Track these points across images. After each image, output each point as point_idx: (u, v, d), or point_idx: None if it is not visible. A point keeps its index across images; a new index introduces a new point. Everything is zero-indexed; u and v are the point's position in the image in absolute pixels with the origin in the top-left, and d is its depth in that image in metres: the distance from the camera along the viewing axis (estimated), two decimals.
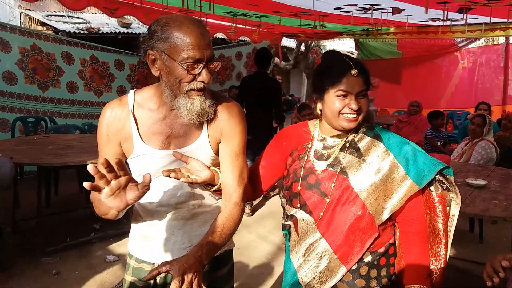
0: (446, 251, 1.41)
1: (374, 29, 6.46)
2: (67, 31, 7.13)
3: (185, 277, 1.11)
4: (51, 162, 3.37)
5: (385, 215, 1.34)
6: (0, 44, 5.15)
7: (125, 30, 7.86)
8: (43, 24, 7.52)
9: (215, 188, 1.38)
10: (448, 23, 5.33)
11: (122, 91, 6.59)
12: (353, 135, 1.43)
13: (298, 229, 1.43)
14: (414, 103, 5.74)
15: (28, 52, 5.43)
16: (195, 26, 1.17)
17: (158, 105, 1.28)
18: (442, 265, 1.41)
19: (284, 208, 1.52)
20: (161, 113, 1.28)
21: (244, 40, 7.13)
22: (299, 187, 1.42)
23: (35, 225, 3.82)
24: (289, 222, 1.47)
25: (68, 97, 5.97)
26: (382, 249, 1.39)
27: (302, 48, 9.25)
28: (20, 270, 3.18)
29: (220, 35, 6.62)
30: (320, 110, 1.44)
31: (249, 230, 4.14)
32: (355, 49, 8.81)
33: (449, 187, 1.40)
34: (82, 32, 7.26)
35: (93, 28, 7.45)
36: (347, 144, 1.42)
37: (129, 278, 1.46)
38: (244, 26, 5.93)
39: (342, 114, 1.36)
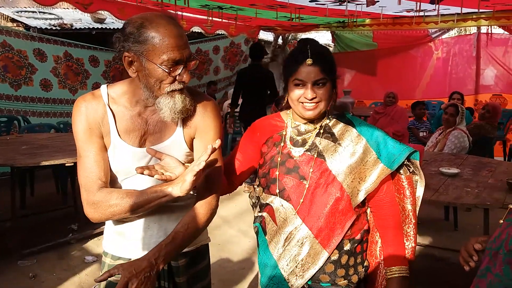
0: (416, 230, 1.47)
1: (349, 21, 6.51)
2: (38, 27, 6.93)
3: (130, 284, 1.11)
4: (25, 163, 3.29)
5: (361, 197, 1.38)
6: None
7: (99, 26, 7.69)
8: (13, 20, 7.29)
9: None
10: (422, 14, 5.42)
11: (97, 88, 6.47)
12: (326, 120, 1.47)
13: (276, 218, 1.44)
14: (390, 94, 5.82)
15: None
16: (173, 26, 1.17)
17: (132, 102, 1.28)
18: (413, 244, 1.47)
19: (257, 198, 1.53)
20: (135, 110, 1.28)
21: (221, 34, 7.09)
22: (277, 172, 1.44)
23: (10, 227, 3.74)
24: (264, 214, 1.48)
25: (42, 95, 5.83)
26: (358, 236, 1.43)
27: (280, 41, 9.25)
28: None
29: (196, 28, 6.56)
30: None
31: (229, 225, 4.14)
32: (332, 42, 8.87)
33: (415, 171, 1.48)
34: (54, 28, 7.07)
35: (66, 24, 7.26)
36: (321, 130, 1.45)
37: None
38: (220, 20, 5.88)
39: (300, 102, 1.39)
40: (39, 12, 7.53)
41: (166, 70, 1.17)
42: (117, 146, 1.28)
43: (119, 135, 1.27)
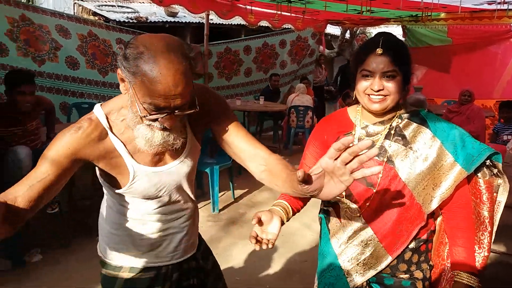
0: (491, 239, 1.37)
1: (423, 15, 6.22)
2: (117, 20, 7.38)
3: None
4: None
5: (434, 204, 1.31)
6: (61, 31, 5.37)
7: (172, 19, 8.02)
8: (94, 14, 7.82)
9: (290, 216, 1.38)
10: (505, 6, 5.05)
11: None
12: (397, 121, 1.36)
13: (341, 216, 1.42)
14: (466, 93, 5.51)
15: (86, 38, 5.65)
16: (170, 72, 0.97)
17: (135, 122, 1.13)
18: (486, 253, 1.37)
19: None
20: None
21: (288, 28, 7.09)
22: None
23: (89, 205, 4.03)
24: (329, 208, 1.46)
25: None
26: (424, 236, 1.38)
27: (347, 35, 9.09)
28: (80, 246, 3.40)
29: (263, 23, 6.62)
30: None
31: (293, 218, 4.15)
32: (403, 36, 8.54)
33: (498, 174, 1.36)
34: (131, 21, 7.48)
35: (142, 17, 7.66)
36: (392, 131, 1.36)
37: None
38: (288, 14, 5.89)
39: (367, 94, 1.31)
40: (118, 6, 7.99)
41: (144, 112, 1.04)
42: (138, 171, 1.19)
43: (134, 159, 1.18)
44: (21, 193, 1.02)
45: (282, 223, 1.29)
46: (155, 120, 1.06)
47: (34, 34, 5.07)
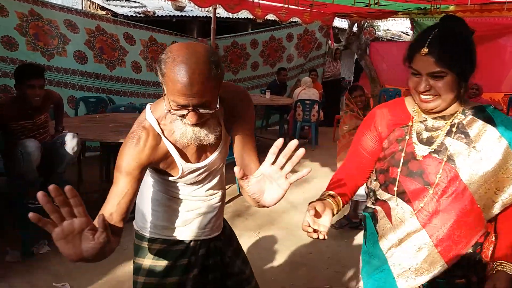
0: None
1: (432, 7, 6.16)
2: (124, 14, 7.41)
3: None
4: (114, 139, 3.57)
5: (496, 210, 1.24)
6: (69, 26, 5.42)
7: (179, 13, 8.04)
8: (102, 8, 7.86)
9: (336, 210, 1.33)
10: None
11: None
12: (460, 116, 1.27)
13: (392, 217, 1.33)
14: (474, 86, 5.47)
15: (94, 33, 5.69)
16: (187, 71, 1.10)
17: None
18: None
19: (372, 191, 1.43)
20: None
21: (295, 21, 7.07)
22: (399, 170, 1.30)
23: (97, 198, 4.10)
24: (378, 207, 1.38)
25: (133, 77, 6.19)
26: (482, 239, 1.30)
27: (355, 28, 9.02)
28: None
29: (271, 16, 6.60)
30: None
31: (297, 210, 4.20)
32: (411, 29, 8.46)
33: None
34: (138, 15, 7.51)
35: (149, 12, 7.68)
36: (454, 128, 1.26)
37: (149, 262, 1.51)
38: (296, 7, 5.86)
39: (417, 92, 1.25)
40: (126, 0, 8.03)
41: (168, 107, 1.19)
42: (186, 169, 1.36)
43: (183, 159, 1.34)
44: (114, 210, 1.19)
45: (332, 215, 1.27)
46: (183, 116, 1.19)
47: (43, 28, 5.13)
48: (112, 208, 1.19)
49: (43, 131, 3.41)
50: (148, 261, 1.50)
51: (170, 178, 1.41)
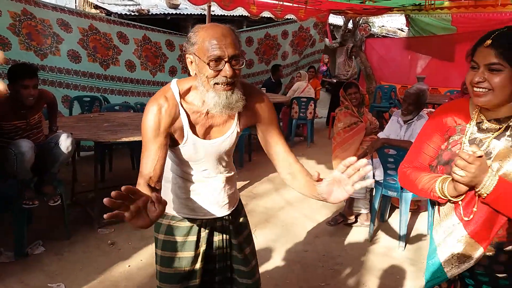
0: None
1: (427, 3, 6.17)
2: (119, 13, 7.38)
3: None
4: (108, 138, 3.55)
5: None
6: (62, 25, 5.39)
7: (174, 11, 8.00)
8: (96, 7, 7.82)
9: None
10: None
11: (173, 72, 6.77)
12: None
13: (440, 210, 1.41)
14: None
15: (87, 32, 5.67)
16: (218, 28, 1.35)
17: (200, 100, 1.45)
18: None
19: None
20: (204, 108, 1.45)
21: (290, 19, 7.06)
22: (443, 170, 1.36)
23: (92, 198, 4.08)
24: (436, 201, 1.44)
25: (127, 76, 6.18)
26: None
27: (350, 25, 9.02)
28: (82, 238, 3.45)
29: (266, 13, 6.59)
30: None
31: (293, 208, 4.19)
32: (406, 25, 8.48)
33: None
34: (132, 14, 7.48)
35: (143, 10, 7.65)
36: (508, 132, 1.27)
37: (164, 237, 1.67)
38: (291, 4, 5.86)
39: (472, 86, 1.27)
40: None
41: (208, 64, 1.33)
42: (189, 139, 1.48)
43: (191, 129, 1.47)
44: (152, 175, 1.37)
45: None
46: (218, 73, 1.33)
47: (36, 28, 5.10)
48: (149, 173, 1.37)
49: (37, 131, 3.38)
50: (161, 235, 1.67)
51: (174, 148, 1.52)
